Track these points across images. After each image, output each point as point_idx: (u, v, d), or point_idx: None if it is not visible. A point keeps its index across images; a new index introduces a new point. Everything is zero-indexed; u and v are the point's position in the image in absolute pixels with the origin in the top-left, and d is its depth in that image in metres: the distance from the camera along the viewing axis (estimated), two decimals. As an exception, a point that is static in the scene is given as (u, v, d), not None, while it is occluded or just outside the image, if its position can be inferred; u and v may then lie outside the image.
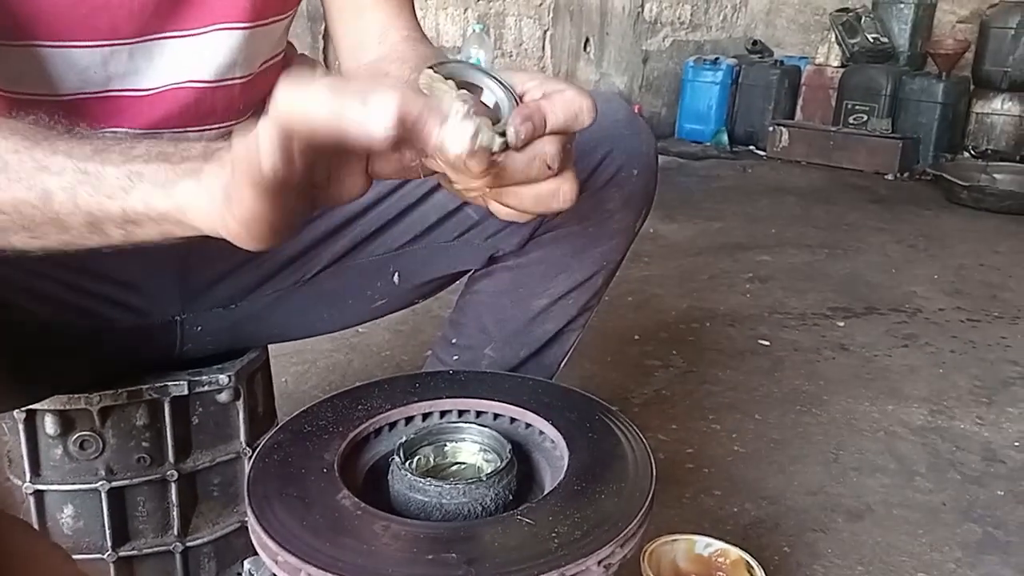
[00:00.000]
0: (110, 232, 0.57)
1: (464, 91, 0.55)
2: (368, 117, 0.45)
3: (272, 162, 0.46)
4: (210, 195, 0.52)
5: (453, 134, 0.48)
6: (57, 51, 0.74)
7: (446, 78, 0.55)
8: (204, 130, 0.87)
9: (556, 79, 0.58)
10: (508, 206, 0.58)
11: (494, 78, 0.57)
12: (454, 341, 0.97)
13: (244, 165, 0.48)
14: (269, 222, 0.50)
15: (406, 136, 0.47)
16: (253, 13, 0.81)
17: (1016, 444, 1.59)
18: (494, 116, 0.55)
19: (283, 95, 0.47)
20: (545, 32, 3.92)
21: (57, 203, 0.56)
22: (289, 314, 0.93)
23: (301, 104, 0.46)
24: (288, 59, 0.97)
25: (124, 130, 0.82)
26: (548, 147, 0.55)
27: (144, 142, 0.57)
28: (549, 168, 0.55)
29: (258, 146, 0.47)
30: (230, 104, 0.87)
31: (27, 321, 0.73)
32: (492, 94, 0.57)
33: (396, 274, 0.92)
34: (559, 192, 0.57)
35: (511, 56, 3.77)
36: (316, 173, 0.51)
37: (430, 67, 0.57)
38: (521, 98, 0.57)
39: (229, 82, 0.84)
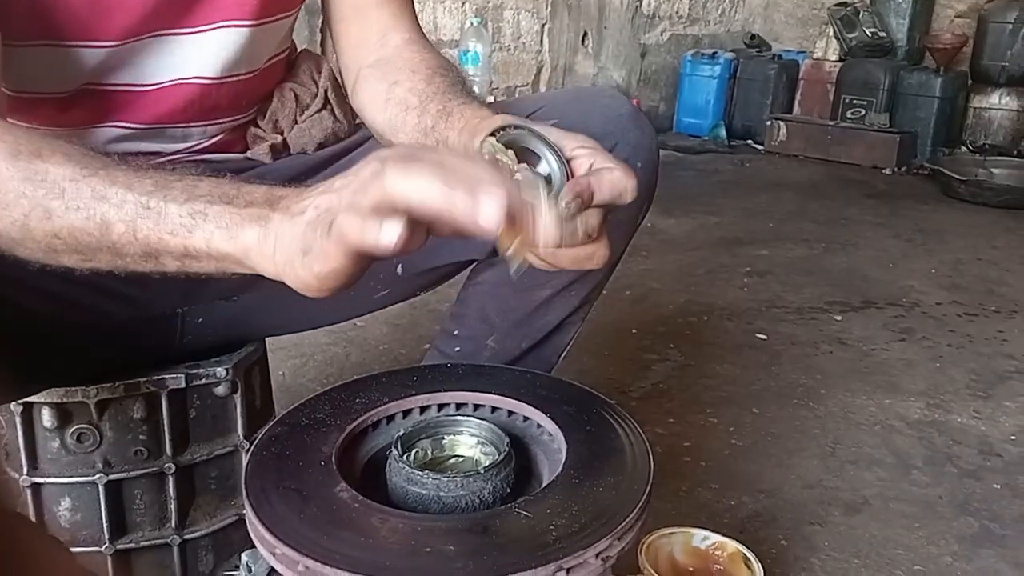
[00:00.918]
0: (166, 263, 0.59)
1: (524, 165, 0.60)
2: (479, 214, 0.49)
3: (395, 240, 0.49)
4: (278, 244, 0.54)
5: (548, 229, 0.53)
6: (70, 50, 0.74)
7: (507, 146, 0.60)
8: (208, 125, 0.87)
9: (606, 154, 0.62)
10: (545, 260, 0.61)
11: (549, 146, 0.62)
12: (456, 332, 0.97)
13: (356, 235, 0.49)
14: (348, 277, 0.52)
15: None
16: (259, 11, 0.82)
17: (1013, 438, 1.60)
18: (546, 187, 0.60)
19: (396, 178, 0.49)
20: (543, 26, 3.91)
21: (116, 234, 0.57)
22: (291, 306, 0.93)
23: (416, 192, 0.49)
24: (291, 55, 0.96)
25: (130, 123, 0.82)
26: (591, 219, 0.59)
27: (206, 180, 0.58)
28: (589, 237, 0.60)
29: (376, 223, 0.49)
30: (234, 100, 0.87)
31: (26, 314, 0.72)
32: (547, 165, 0.62)
33: (399, 264, 0.92)
34: (594, 256, 0.61)
35: (509, 50, 3.76)
36: None
37: (492, 134, 0.62)
38: (570, 163, 0.62)
39: (234, 78, 0.84)
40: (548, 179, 0.61)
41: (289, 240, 0.53)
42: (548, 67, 3.98)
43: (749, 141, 4.67)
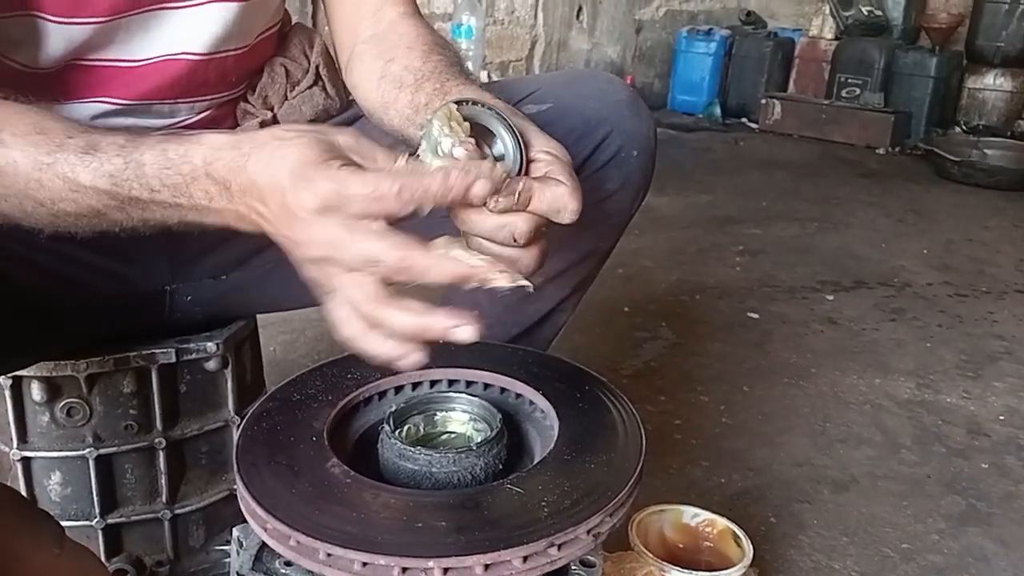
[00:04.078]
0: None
1: (472, 140, 0.58)
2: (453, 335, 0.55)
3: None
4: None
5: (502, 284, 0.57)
6: (54, 26, 0.73)
7: (464, 118, 0.59)
8: (196, 102, 0.85)
9: (566, 168, 0.61)
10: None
11: (511, 130, 0.60)
12: (445, 317, 0.97)
13: (367, 352, 0.56)
14: None
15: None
16: None
17: (1000, 418, 1.61)
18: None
19: (395, 317, 0.56)
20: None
21: (110, 218, 0.62)
22: (280, 286, 0.92)
23: (404, 328, 0.56)
24: (282, 26, 0.95)
25: (116, 100, 0.81)
26: (521, 224, 0.58)
27: (146, 166, 0.59)
28: (515, 241, 0.58)
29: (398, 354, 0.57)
30: (222, 76, 0.86)
31: (14, 288, 0.72)
32: (503, 147, 0.60)
33: None
34: (518, 262, 0.60)
35: (502, 24, 3.72)
36: None
37: (456, 102, 0.60)
38: (529, 164, 0.60)
39: (223, 54, 0.83)
40: (500, 159, 0.60)
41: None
42: (542, 42, 3.95)
43: (743, 119, 4.65)
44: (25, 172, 0.59)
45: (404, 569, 0.53)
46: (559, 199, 0.58)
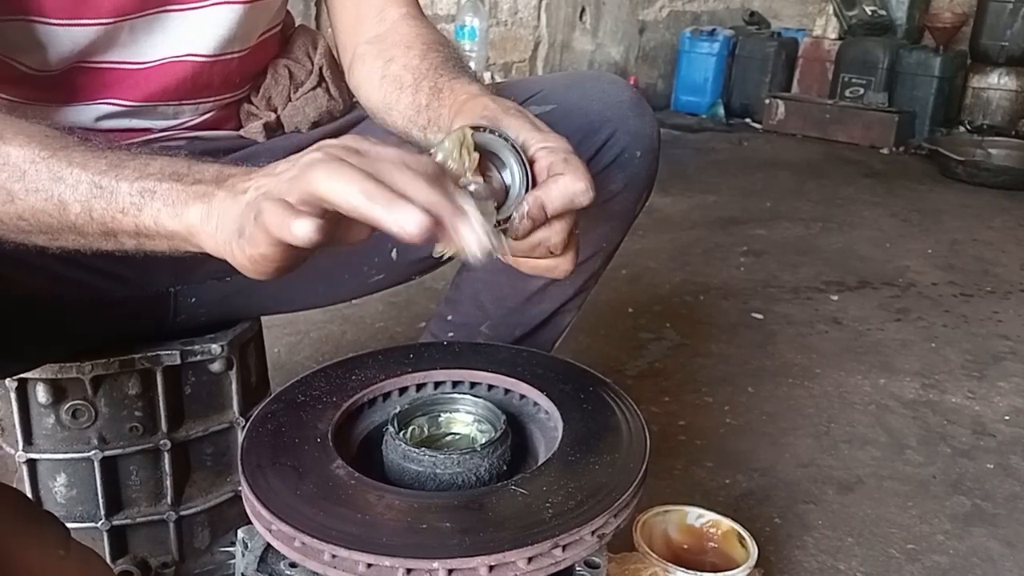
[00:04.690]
0: (124, 241, 0.59)
1: (477, 178, 0.58)
2: (395, 228, 0.48)
3: (306, 237, 0.48)
4: (219, 222, 0.54)
5: (473, 241, 0.51)
6: (58, 29, 0.73)
7: (476, 145, 0.59)
8: (200, 103, 0.86)
9: (562, 155, 0.60)
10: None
11: (517, 155, 0.60)
12: (449, 318, 0.97)
13: (274, 226, 0.49)
14: (277, 265, 0.52)
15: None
16: None
17: (1006, 418, 1.60)
18: (502, 197, 0.60)
19: (321, 178, 0.49)
20: (540, 0, 3.88)
21: (73, 214, 0.58)
22: (283, 288, 0.92)
23: (337, 195, 0.49)
24: (285, 28, 0.95)
25: (122, 101, 0.81)
26: (554, 237, 0.59)
27: (160, 159, 0.58)
28: (552, 253, 0.60)
29: (293, 217, 0.49)
30: (227, 78, 0.86)
31: (19, 291, 0.72)
32: (510, 174, 0.61)
33: (394, 250, 0.92)
34: (556, 269, 0.61)
35: (506, 25, 3.72)
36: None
37: (473, 128, 0.60)
38: (533, 166, 0.60)
39: (227, 56, 0.83)
40: (508, 189, 0.60)
41: (229, 219, 0.53)
42: (545, 43, 3.95)
43: (747, 119, 4.64)
44: (14, 164, 0.59)
45: (409, 570, 0.53)
46: (567, 190, 0.58)
